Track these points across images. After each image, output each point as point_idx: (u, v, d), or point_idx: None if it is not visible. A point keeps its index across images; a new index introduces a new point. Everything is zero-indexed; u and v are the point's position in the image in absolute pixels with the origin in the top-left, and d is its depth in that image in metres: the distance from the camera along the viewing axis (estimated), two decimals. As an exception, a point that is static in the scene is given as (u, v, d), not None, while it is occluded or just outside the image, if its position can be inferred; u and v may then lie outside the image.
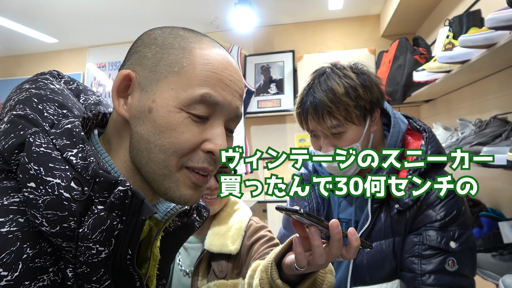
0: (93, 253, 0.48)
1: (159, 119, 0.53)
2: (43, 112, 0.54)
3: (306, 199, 1.13)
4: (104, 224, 0.48)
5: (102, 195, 0.49)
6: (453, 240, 0.93)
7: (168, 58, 0.55)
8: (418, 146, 1.02)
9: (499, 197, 1.63)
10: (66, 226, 0.47)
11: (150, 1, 2.77)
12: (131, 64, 0.57)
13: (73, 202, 0.47)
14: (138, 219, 0.50)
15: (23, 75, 3.88)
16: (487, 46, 1.16)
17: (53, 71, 0.64)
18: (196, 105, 0.53)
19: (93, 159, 0.50)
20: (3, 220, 0.46)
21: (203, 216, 0.71)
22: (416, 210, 0.97)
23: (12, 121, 0.52)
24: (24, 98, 0.54)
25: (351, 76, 0.97)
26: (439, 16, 2.43)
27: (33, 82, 0.58)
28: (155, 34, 0.58)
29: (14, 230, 0.46)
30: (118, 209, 0.49)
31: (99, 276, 0.50)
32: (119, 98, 0.56)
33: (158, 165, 0.53)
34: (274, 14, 3.14)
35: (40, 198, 0.47)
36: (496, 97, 1.64)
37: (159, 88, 0.54)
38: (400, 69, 2.37)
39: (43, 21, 3.09)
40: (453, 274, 0.92)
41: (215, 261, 1.12)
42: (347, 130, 0.97)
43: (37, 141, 0.49)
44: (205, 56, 0.55)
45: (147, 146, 0.53)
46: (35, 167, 0.47)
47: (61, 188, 0.47)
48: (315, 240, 0.63)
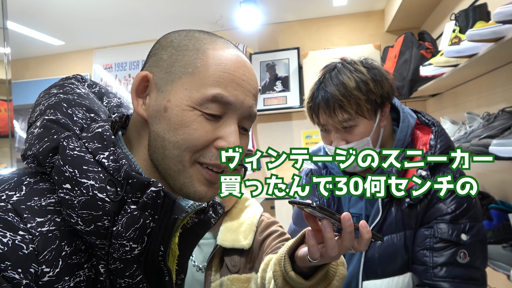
0: (127, 250, 0.51)
1: (173, 117, 0.55)
2: (73, 116, 0.56)
3: (316, 194, 1.14)
4: (137, 223, 0.51)
5: (134, 196, 0.51)
6: (464, 232, 0.94)
7: (182, 60, 0.57)
8: (428, 140, 1.03)
9: (508, 189, 1.63)
10: (100, 224, 0.50)
11: (155, 2, 2.79)
12: (149, 66, 0.59)
13: (107, 202, 0.50)
14: (170, 218, 0.53)
15: (31, 77, 3.93)
16: (494, 40, 1.16)
17: (77, 75, 0.66)
18: (209, 104, 0.55)
19: (125, 161, 0.52)
20: (43, 220, 0.49)
21: (219, 213, 0.73)
22: (426, 204, 0.98)
23: (45, 126, 0.54)
24: (54, 103, 0.57)
25: (362, 71, 0.98)
26: (444, 10, 2.43)
27: (60, 87, 0.60)
28: (172, 37, 0.60)
29: (53, 229, 0.49)
30: (151, 209, 0.51)
31: (131, 271, 0.53)
32: (137, 99, 0.58)
33: (172, 160, 0.56)
34: (279, 11, 3.15)
35: (75, 198, 0.49)
36: (503, 90, 1.64)
37: (174, 88, 0.56)
38: (406, 64, 2.38)
39: (50, 23, 3.12)
40: (465, 266, 0.93)
41: (227, 256, 1.14)
42: (358, 124, 0.98)
43: (71, 144, 0.52)
44: (218, 57, 0.57)
45: (163, 143, 0.56)
46: (70, 170, 0.50)
47: (95, 189, 0.50)
48: (328, 233, 0.65)
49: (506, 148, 1.09)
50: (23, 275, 0.45)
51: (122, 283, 0.53)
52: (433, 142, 1.01)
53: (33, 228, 0.47)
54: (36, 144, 0.53)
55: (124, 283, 0.53)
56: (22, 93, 3.84)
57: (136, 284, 0.54)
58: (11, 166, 1.92)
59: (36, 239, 0.47)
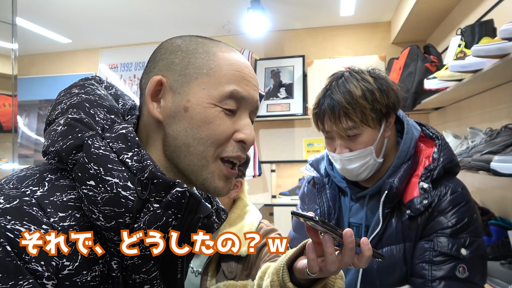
0: (146, 246, 0.53)
1: (196, 115, 0.58)
2: (95, 116, 0.59)
3: (317, 203, 1.14)
4: (160, 221, 0.53)
5: (158, 195, 0.54)
6: (464, 247, 0.94)
7: (195, 62, 0.60)
8: (431, 153, 1.03)
9: (508, 206, 1.63)
10: (121, 221, 0.52)
11: (163, 4, 2.82)
12: (160, 71, 0.62)
13: (130, 200, 0.52)
14: (195, 217, 0.56)
15: (37, 74, 3.95)
16: (499, 56, 1.17)
17: (96, 76, 0.69)
18: (227, 100, 0.60)
19: (150, 162, 0.55)
20: (64, 215, 0.51)
21: (222, 218, 0.75)
22: (427, 217, 0.98)
23: (69, 124, 0.56)
24: (76, 102, 0.59)
25: (369, 80, 0.99)
26: (450, 25, 2.44)
27: (81, 87, 0.63)
28: (178, 42, 0.63)
29: (73, 225, 0.52)
30: (175, 208, 0.54)
31: (148, 267, 0.55)
32: (152, 102, 0.61)
33: (197, 156, 0.59)
34: (286, 19, 3.17)
35: (99, 195, 0.51)
36: (507, 106, 1.65)
37: (192, 89, 0.59)
38: (411, 76, 2.38)
39: (58, 21, 3.15)
40: (464, 281, 0.92)
41: (224, 262, 1.13)
42: (362, 133, 0.99)
43: (96, 143, 0.54)
44: (227, 58, 0.62)
45: (186, 141, 0.59)
46: (95, 167, 0.52)
47: (119, 187, 0.52)
48: (328, 248, 0.65)
49: (507, 165, 1.09)
50: (45, 267, 0.47)
51: (136, 279, 0.56)
52: (436, 155, 1.01)
53: (55, 223, 0.50)
54: (59, 141, 0.55)
55: (139, 279, 0.56)
56: (27, 89, 3.87)
57: (150, 280, 0.56)
58: (12, 161, 1.92)
59: (59, 234, 0.50)
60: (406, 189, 1.01)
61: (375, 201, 1.05)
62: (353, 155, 1.00)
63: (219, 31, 3.28)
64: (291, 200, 3.24)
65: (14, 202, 0.49)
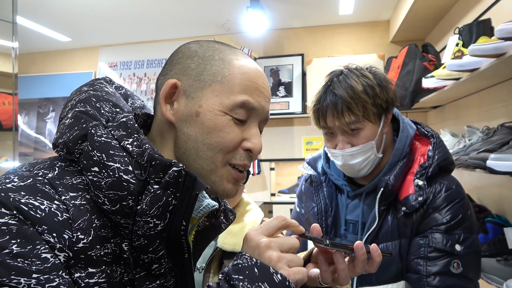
0: (151, 226, 0.55)
1: (206, 121, 0.60)
2: (101, 109, 0.62)
3: (314, 201, 1.16)
4: (160, 201, 0.55)
5: (157, 176, 0.55)
6: (458, 243, 0.96)
7: (211, 69, 0.62)
8: (426, 151, 1.05)
9: (505, 203, 1.64)
10: (125, 204, 0.54)
11: (162, 2, 2.82)
12: (175, 74, 0.64)
13: (131, 183, 0.54)
14: (192, 194, 0.57)
15: (37, 72, 3.95)
16: (496, 56, 1.18)
17: (106, 77, 0.72)
18: (238, 109, 0.61)
19: (148, 146, 0.57)
20: (75, 195, 0.54)
21: (230, 219, 0.77)
22: (422, 213, 1.00)
23: (76, 116, 0.60)
24: (84, 98, 0.63)
25: (368, 76, 1.02)
26: (448, 24, 2.45)
27: (90, 85, 0.66)
28: (195, 47, 0.65)
29: (84, 203, 0.54)
30: (173, 187, 0.56)
31: (154, 246, 0.57)
32: (166, 104, 0.63)
33: (206, 161, 0.61)
34: (285, 18, 3.18)
35: (102, 180, 0.54)
36: (504, 105, 1.66)
37: (205, 95, 0.61)
38: (409, 75, 2.40)
39: (58, 20, 3.15)
40: (458, 276, 0.94)
41: (227, 259, 1.14)
42: (364, 127, 1.01)
43: (98, 132, 0.57)
44: (242, 67, 0.63)
45: (195, 145, 0.61)
46: (98, 154, 0.55)
47: (121, 171, 0.54)
48: (340, 264, 0.66)
49: (503, 163, 1.10)
50: (57, 239, 0.50)
51: (145, 259, 0.58)
52: (431, 153, 1.03)
53: (67, 200, 0.53)
54: (66, 133, 0.59)
55: (148, 259, 0.58)
56: (27, 87, 3.87)
57: (158, 259, 0.58)
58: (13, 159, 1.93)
59: (70, 209, 0.52)
60: (402, 186, 1.03)
61: (371, 199, 1.06)
62: (356, 150, 1.01)
63: (219, 30, 3.28)
64: (290, 198, 3.25)
65: (28, 180, 0.52)
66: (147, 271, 0.59)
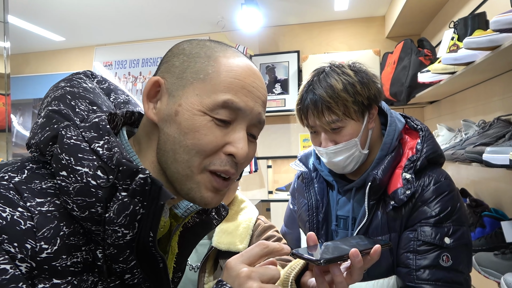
0: (119, 235, 0.52)
1: (184, 121, 0.56)
2: (75, 108, 0.58)
3: (305, 197, 1.16)
4: (127, 209, 0.52)
5: (125, 183, 0.52)
6: (447, 236, 0.95)
7: (194, 66, 0.58)
8: (414, 144, 1.04)
9: (502, 197, 1.64)
10: (94, 211, 0.51)
11: (156, 1, 2.80)
12: (161, 72, 0.61)
13: (99, 189, 0.51)
14: (158, 204, 0.53)
15: (31, 72, 3.93)
16: (491, 48, 1.17)
17: (87, 71, 0.68)
18: (219, 110, 0.56)
19: (117, 149, 0.53)
20: (43, 201, 0.51)
21: (222, 215, 0.74)
22: (411, 207, 0.99)
23: (48, 116, 0.56)
24: (59, 95, 0.59)
25: (349, 74, 1.01)
26: (444, 18, 2.45)
27: (68, 81, 0.62)
28: (184, 45, 0.62)
29: (52, 210, 0.51)
30: (140, 195, 0.52)
31: (125, 256, 0.54)
32: (148, 103, 0.59)
33: (182, 165, 0.57)
34: (280, 14, 3.16)
35: (71, 185, 0.51)
36: (500, 98, 1.66)
37: (185, 93, 0.57)
38: (405, 70, 2.39)
39: (51, 19, 3.13)
40: (448, 269, 0.93)
41: (222, 258, 1.13)
42: (345, 126, 1.00)
43: (68, 133, 0.53)
44: (229, 64, 0.58)
45: (173, 147, 0.57)
46: (66, 157, 0.52)
47: (89, 176, 0.51)
48: (337, 277, 0.66)
49: (499, 156, 1.10)
50: (18, 249, 0.47)
51: (117, 268, 0.55)
52: (419, 147, 1.03)
53: (32, 207, 0.49)
54: (38, 133, 0.56)
55: (119, 268, 0.55)
56: (22, 88, 3.85)
57: (130, 269, 0.55)
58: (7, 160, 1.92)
59: (35, 217, 0.49)
60: (390, 180, 1.02)
61: (361, 194, 1.06)
62: (338, 147, 1.01)
63: (214, 28, 3.27)
64: (288, 195, 3.23)
65: None
66: (121, 280, 0.56)
